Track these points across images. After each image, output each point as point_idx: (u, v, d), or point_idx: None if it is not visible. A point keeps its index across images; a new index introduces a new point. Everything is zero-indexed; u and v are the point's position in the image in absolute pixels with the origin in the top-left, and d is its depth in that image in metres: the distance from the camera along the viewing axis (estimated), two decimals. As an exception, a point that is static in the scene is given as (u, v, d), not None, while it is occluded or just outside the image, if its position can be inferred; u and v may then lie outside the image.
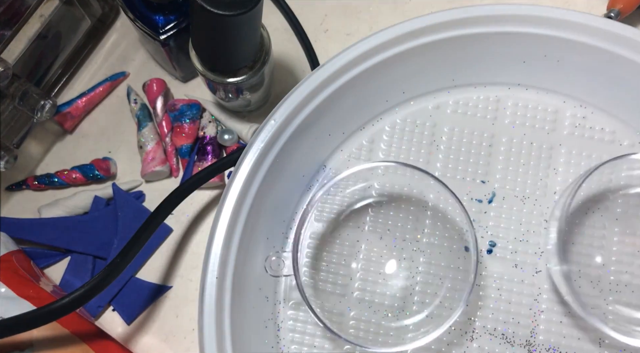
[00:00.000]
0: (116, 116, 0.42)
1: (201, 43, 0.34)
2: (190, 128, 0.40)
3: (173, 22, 0.37)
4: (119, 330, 0.38)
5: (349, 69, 0.35)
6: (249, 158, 0.33)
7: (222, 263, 0.32)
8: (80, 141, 0.42)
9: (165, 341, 0.37)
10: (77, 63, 0.43)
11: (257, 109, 0.42)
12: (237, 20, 0.30)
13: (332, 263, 0.36)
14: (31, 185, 0.40)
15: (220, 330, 0.31)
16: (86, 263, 0.39)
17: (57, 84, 0.42)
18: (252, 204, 0.33)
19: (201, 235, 0.40)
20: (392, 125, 0.38)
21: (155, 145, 0.40)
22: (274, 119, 0.34)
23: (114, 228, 0.39)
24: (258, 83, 0.37)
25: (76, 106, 0.41)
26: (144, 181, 0.41)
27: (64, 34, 0.41)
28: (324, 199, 0.37)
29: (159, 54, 0.40)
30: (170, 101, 0.41)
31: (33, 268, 0.37)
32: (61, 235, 0.38)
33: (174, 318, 0.38)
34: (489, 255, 0.36)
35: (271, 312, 0.35)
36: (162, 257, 0.39)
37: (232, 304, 0.32)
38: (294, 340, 0.35)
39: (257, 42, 0.35)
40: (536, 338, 0.34)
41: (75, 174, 0.40)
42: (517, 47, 0.36)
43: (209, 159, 0.40)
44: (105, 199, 0.40)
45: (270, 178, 0.34)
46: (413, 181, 0.36)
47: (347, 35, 0.43)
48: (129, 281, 0.38)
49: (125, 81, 0.43)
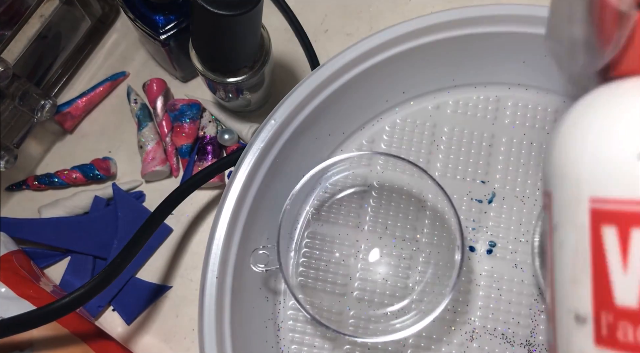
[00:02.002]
0: (116, 116, 0.42)
1: (201, 43, 0.34)
2: (191, 128, 0.40)
3: (173, 22, 0.36)
4: (119, 330, 0.38)
5: (349, 69, 0.35)
6: (249, 158, 0.33)
7: (222, 263, 0.32)
8: (80, 141, 0.42)
9: (165, 341, 0.37)
10: (77, 63, 0.43)
11: (257, 109, 0.42)
12: (238, 20, 0.30)
13: (331, 263, 0.36)
14: (31, 185, 0.40)
15: (220, 330, 0.31)
16: (86, 263, 0.38)
17: (57, 84, 0.42)
18: (252, 204, 0.33)
19: (201, 234, 0.40)
20: (392, 125, 0.38)
21: (155, 145, 0.40)
22: (274, 119, 0.34)
23: (114, 228, 0.39)
24: (258, 83, 0.37)
25: (76, 106, 0.41)
26: (144, 181, 0.41)
27: (64, 34, 0.41)
28: (322, 198, 0.37)
29: (159, 54, 0.40)
30: (170, 101, 0.41)
31: (33, 268, 0.37)
32: (61, 235, 0.38)
33: (174, 318, 0.38)
34: (489, 255, 0.36)
35: (271, 312, 0.35)
36: (162, 257, 0.39)
37: (232, 304, 0.32)
38: (294, 340, 0.35)
39: (257, 42, 0.34)
40: (536, 338, 0.34)
41: (76, 174, 0.40)
42: (517, 47, 0.36)
43: (209, 159, 0.40)
44: (105, 199, 0.40)
45: (271, 178, 0.34)
46: (412, 181, 0.36)
47: (347, 35, 0.43)
48: (129, 281, 0.38)
49: (125, 81, 0.43)
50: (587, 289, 0.16)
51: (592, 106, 0.18)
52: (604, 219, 0.16)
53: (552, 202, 0.18)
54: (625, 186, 0.16)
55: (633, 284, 0.15)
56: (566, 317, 0.17)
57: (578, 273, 0.17)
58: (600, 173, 0.16)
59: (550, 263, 0.18)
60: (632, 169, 0.16)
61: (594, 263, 0.16)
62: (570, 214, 0.17)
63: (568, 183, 0.17)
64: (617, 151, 0.16)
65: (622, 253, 0.15)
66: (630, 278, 0.15)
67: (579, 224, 0.17)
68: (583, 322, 0.16)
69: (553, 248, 0.18)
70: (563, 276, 0.17)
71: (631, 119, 0.16)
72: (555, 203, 0.18)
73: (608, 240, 0.16)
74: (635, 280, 0.15)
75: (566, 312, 0.17)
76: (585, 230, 0.16)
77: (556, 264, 0.18)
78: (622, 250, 0.15)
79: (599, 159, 0.16)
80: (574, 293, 0.17)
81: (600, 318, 0.16)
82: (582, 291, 0.16)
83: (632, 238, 0.15)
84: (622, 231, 0.15)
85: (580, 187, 0.17)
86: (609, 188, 0.16)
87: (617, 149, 0.16)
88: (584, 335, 0.16)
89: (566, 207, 0.17)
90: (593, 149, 0.17)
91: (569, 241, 0.17)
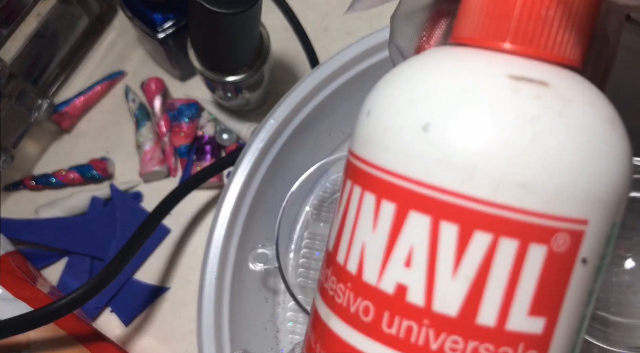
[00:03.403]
0: (114, 116, 0.42)
1: (200, 42, 0.34)
2: (189, 128, 0.40)
3: (171, 20, 0.36)
4: (116, 331, 0.37)
5: (349, 68, 0.35)
6: (248, 158, 0.33)
7: (221, 264, 0.32)
8: (77, 140, 0.42)
9: (163, 343, 0.37)
10: (74, 62, 0.43)
11: (257, 109, 0.42)
12: (237, 19, 0.30)
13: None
14: (28, 185, 0.40)
15: (219, 332, 0.31)
16: (84, 264, 0.38)
17: (55, 83, 0.42)
18: (251, 204, 0.33)
19: (200, 235, 0.39)
20: (392, 125, 0.38)
21: (153, 145, 0.40)
22: (273, 118, 0.34)
23: (111, 228, 0.39)
24: (257, 82, 0.37)
25: (74, 105, 0.41)
26: (142, 181, 0.40)
27: (62, 32, 0.41)
28: (322, 197, 0.36)
29: (158, 53, 0.40)
30: (168, 100, 0.41)
31: (30, 269, 0.37)
32: (58, 236, 0.38)
33: (172, 320, 0.38)
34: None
35: (270, 313, 0.35)
36: (161, 258, 0.39)
37: (231, 305, 0.32)
38: (294, 342, 0.35)
39: (256, 40, 0.34)
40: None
41: (73, 174, 0.40)
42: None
43: (208, 159, 0.40)
44: (103, 200, 0.39)
45: (270, 178, 0.34)
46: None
47: (347, 34, 0.43)
48: (127, 282, 0.38)
49: (123, 80, 0.43)
50: (334, 234, 0.18)
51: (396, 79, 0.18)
52: (355, 179, 0.17)
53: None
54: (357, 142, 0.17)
55: (332, 232, 0.17)
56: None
57: (335, 218, 0.18)
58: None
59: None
60: (360, 123, 0.17)
61: (343, 215, 0.17)
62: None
63: None
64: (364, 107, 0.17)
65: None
66: (334, 229, 0.17)
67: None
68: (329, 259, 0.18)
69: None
70: (335, 218, 0.18)
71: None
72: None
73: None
74: (334, 228, 0.17)
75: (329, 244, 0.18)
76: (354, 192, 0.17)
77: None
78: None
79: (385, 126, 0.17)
80: (331, 234, 0.18)
81: (328, 264, 0.17)
82: (333, 235, 0.18)
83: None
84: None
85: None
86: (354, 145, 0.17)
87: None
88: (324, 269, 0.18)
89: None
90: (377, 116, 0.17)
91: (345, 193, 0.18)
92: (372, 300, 0.15)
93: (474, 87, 0.15)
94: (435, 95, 0.15)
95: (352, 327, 0.16)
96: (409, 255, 0.15)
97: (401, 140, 0.15)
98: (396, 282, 0.15)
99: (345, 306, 0.16)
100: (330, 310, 0.16)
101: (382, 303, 0.15)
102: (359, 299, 0.16)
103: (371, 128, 0.17)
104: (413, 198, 0.15)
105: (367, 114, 0.17)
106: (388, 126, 0.16)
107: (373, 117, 0.17)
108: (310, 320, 0.18)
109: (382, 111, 0.17)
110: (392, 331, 0.15)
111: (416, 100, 0.16)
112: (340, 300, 0.16)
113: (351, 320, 0.16)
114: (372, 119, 0.17)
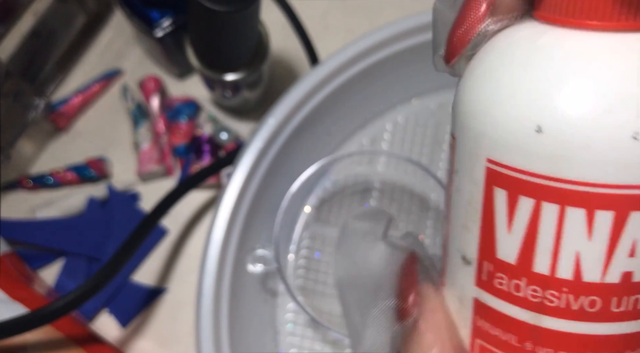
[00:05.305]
0: (111, 115, 0.42)
1: (198, 40, 0.34)
2: (187, 127, 0.40)
3: (169, 18, 0.36)
4: (114, 333, 0.37)
5: (349, 67, 0.35)
6: (247, 158, 0.33)
7: (220, 265, 0.32)
8: (74, 139, 0.41)
9: (161, 345, 0.37)
10: (71, 60, 0.43)
11: (256, 108, 0.42)
12: (236, 17, 0.30)
13: (332, 265, 0.35)
14: (25, 185, 0.40)
15: (218, 334, 0.31)
16: (81, 265, 0.38)
17: (51, 82, 0.42)
18: (251, 205, 0.33)
19: (198, 236, 0.39)
20: (393, 124, 0.38)
21: (151, 144, 0.40)
22: (273, 117, 0.33)
23: (109, 229, 0.38)
24: (256, 81, 0.37)
25: (71, 105, 0.41)
26: (140, 181, 0.40)
27: (58, 30, 0.40)
28: (322, 198, 0.36)
29: (155, 51, 0.40)
30: (166, 99, 0.41)
31: (26, 270, 0.37)
32: (55, 236, 0.38)
33: (170, 322, 0.37)
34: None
35: (270, 315, 0.35)
36: (158, 259, 0.39)
37: (229, 307, 0.32)
38: (293, 344, 0.35)
39: (255, 39, 0.34)
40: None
41: (70, 174, 0.39)
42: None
43: (206, 158, 0.40)
44: (100, 200, 0.39)
45: (269, 178, 0.34)
46: (415, 181, 0.36)
47: (347, 32, 0.43)
48: (124, 283, 0.38)
49: (120, 79, 0.43)
50: (475, 238, 0.18)
51: (507, 54, 0.17)
52: (497, 182, 0.17)
53: (455, 147, 0.18)
54: (519, 156, 0.16)
55: (513, 244, 0.17)
56: (455, 254, 0.19)
57: (469, 221, 0.18)
58: (498, 137, 0.16)
59: (447, 200, 0.19)
60: (528, 141, 0.16)
61: (483, 218, 0.17)
62: (468, 166, 0.18)
63: (470, 136, 0.17)
64: (517, 120, 0.16)
65: (509, 216, 0.17)
66: (512, 239, 0.17)
67: (475, 178, 0.17)
68: (468, 264, 0.18)
69: (452, 188, 0.19)
70: (456, 219, 0.19)
71: (537, 85, 0.16)
72: (458, 150, 0.18)
73: (498, 201, 0.17)
74: (516, 241, 0.17)
75: (456, 250, 0.19)
76: (480, 186, 0.17)
77: (452, 205, 0.19)
78: (509, 213, 0.17)
79: (499, 123, 0.16)
80: (464, 237, 0.18)
81: (482, 265, 0.18)
82: (470, 239, 0.18)
83: (519, 205, 0.16)
84: (511, 196, 0.16)
85: (479, 144, 0.17)
86: (504, 154, 0.16)
87: (518, 117, 0.16)
88: (467, 274, 0.18)
89: (466, 158, 0.18)
90: (495, 111, 0.16)
91: (464, 190, 0.18)
92: (597, 294, 0.16)
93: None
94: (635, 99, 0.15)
95: (578, 321, 0.17)
96: (632, 247, 0.16)
97: (610, 151, 0.15)
98: (621, 271, 0.16)
99: (564, 308, 0.17)
100: (540, 313, 0.17)
101: (609, 292, 0.16)
102: (582, 297, 0.16)
103: (556, 145, 0.16)
104: (633, 201, 0.15)
105: (539, 130, 0.16)
106: (590, 137, 0.15)
107: (553, 133, 0.16)
108: (485, 331, 0.18)
109: (567, 124, 0.15)
110: (622, 309, 0.16)
111: (614, 106, 0.15)
112: (555, 303, 0.17)
113: (575, 315, 0.17)
114: (552, 134, 0.16)
